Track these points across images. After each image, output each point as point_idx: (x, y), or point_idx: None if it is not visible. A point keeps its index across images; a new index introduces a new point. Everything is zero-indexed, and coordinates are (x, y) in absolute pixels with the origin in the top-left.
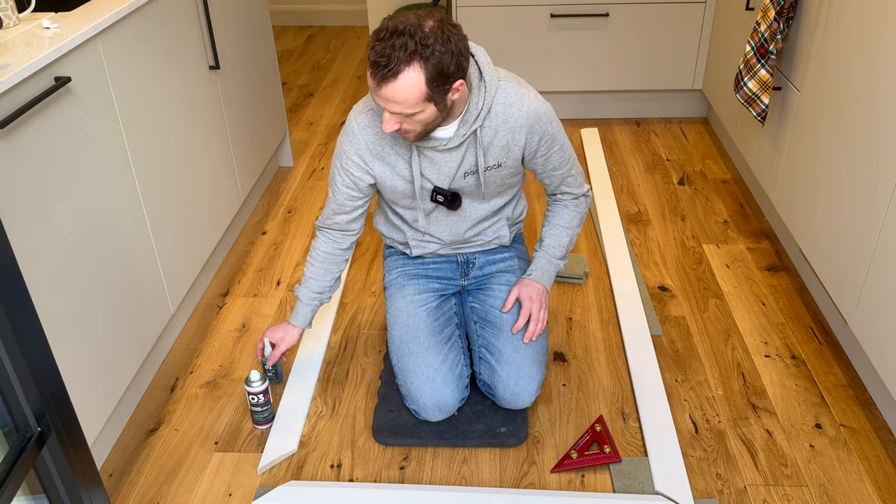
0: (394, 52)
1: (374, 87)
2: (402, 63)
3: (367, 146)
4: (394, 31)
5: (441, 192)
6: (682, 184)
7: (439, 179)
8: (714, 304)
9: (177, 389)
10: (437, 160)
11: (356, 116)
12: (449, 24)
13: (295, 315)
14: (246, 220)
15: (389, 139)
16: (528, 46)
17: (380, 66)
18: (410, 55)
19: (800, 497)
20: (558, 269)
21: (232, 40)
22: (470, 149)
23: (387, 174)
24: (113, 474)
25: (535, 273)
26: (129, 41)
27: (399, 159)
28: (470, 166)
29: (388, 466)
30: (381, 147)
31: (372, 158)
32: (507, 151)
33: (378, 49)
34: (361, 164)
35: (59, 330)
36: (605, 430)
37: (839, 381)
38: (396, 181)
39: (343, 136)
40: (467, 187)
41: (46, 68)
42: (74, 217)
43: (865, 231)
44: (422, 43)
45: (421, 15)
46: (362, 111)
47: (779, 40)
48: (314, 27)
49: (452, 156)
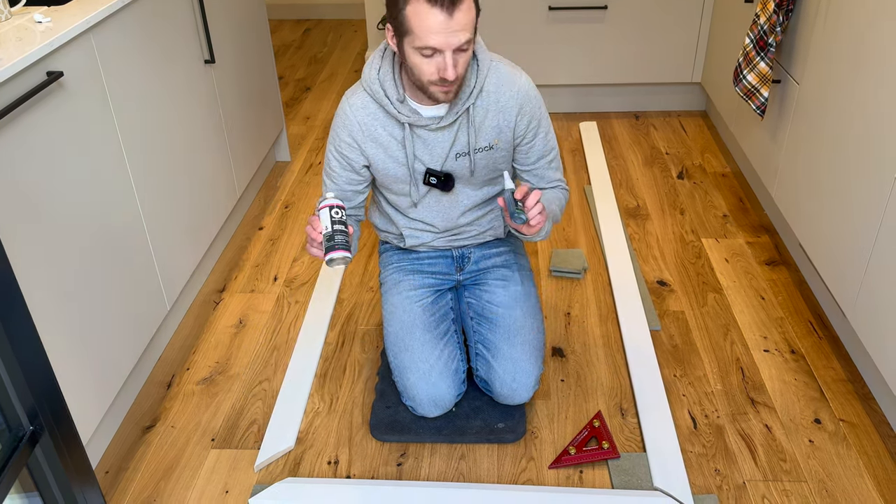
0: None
1: (444, 19)
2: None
3: (360, 126)
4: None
5: (434, 174)
6: (681, 178)
7: (432, 161)
8: (713, 298)
9: (173, 386)
10: (430, 140)
11: (348, 99)
12: None
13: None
14: (243, 215)
15: (381, 119)
16: (526, 39)
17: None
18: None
19: (799, 492)
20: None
21: (227, 34)
22: (462, 128)
23: (379, 156)
24: (109, 471)
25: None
26: (123, 35)
27: (391, 140)
28: (461, 147)
29: (385, 463)
30: (374, 128)
31: (364, 139)
32: (499, 133)
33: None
34: (354, 144)
35: (52, 327)
36: (603, 425)
37: (838, 376)
38: (389, 163)
39: (336, 120)
40: (459, 170)
41: (38, 63)
42: (68, 213)
43: (865, 225)
44: None
45: None
46: (354, 93)
47: (778, 33)
48: (311, 21)
49: (444, 135)
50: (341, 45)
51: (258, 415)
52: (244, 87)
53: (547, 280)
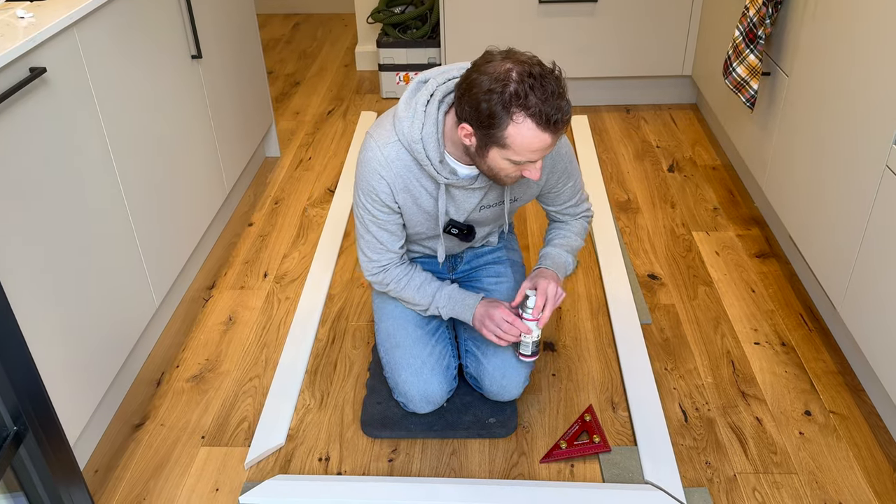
0: (562, 103)
1: (551, 141)
2: (562, 99)
3: (396, 176)
4: (542, 77)
5: (456, 225)
6: (671, 171)
7: (457, 213)
8: (703, 291)
9: (163, 384)
10: (459, 196)
11: (381, 149)
12: (513, 50)
13: (465, 307)
14: (232, 211)
15: (416, 172)
16: (517, 33)
17: (554, 119)
18: (559, 88)
19: (789, 484)
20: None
21: (215, 29)
22: (494, 186)
23: (408, 205)
24: (98, 470)
25: (546, 262)
26: (108, 30)
27: (423, 191)
28: (489, 201)
29: (376, 459)
30: (409, 179)
31: (398, 190)
32: (526, 187)
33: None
34: (389, 192)
35: (37, 326)
36: (594, 419)
37: (829, 368)
38: (417, 213)
39: (365, 168)
40: (480, 219)
41: (21, 59)
42: (52, 210)
43: (854, 217)
44: (552, 73)
45: (502, 60)
46: (387, 144)
47: (767, 25)
48: (301, 15)
49: (476, 193)
50: (331, 40)
51: (248, 412)
52: (232, 83)
53: None
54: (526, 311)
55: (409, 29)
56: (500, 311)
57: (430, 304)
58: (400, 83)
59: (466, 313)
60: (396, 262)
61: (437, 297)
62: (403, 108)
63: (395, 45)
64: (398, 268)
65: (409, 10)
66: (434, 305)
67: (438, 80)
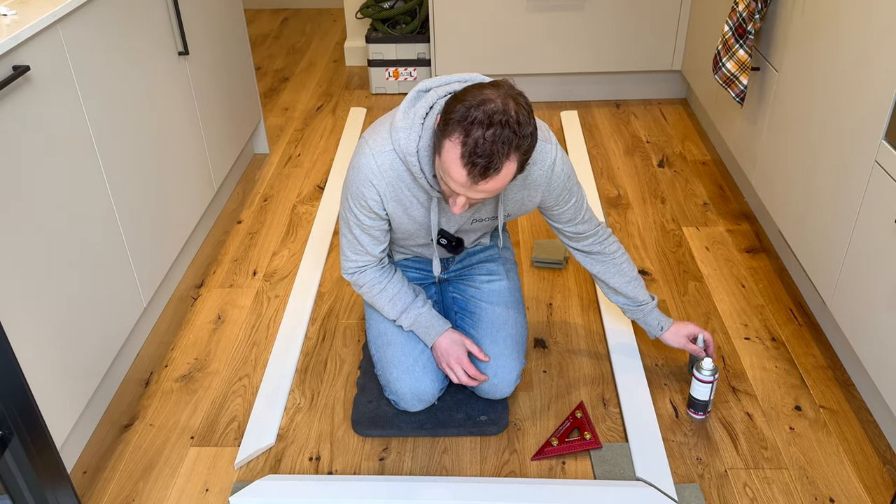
0: (495, 148)
1: (468, 183)
2: (503, 158)
3: (388, 185)
4: (488, 123)
5: (446, 236)
6: (661, 166)
7: (448, 224)
8: (694, 286)
9: (151, 384)
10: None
11: (374, 157)
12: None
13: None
14: (221, 209)
15: (408, 182)
16: (506, 29)
17: (479, 165)
18: (510, 149)
19: (780, 479)
20: (655, 299)
21: (202, 25)
22: (488, 202)
23: (398, 213)
24: (87, 471)
25: (664, 321)
26: (93, 27)
27: (414, 201)
28: (482, 215)
29: (367, 458)
30: (400, 189)
31: (388, 199)
32: (521, 205)
33: (480, 146)
34: (378, 199)
35: (23, 327)
36: (585, 416)
37: (819, 363)
38: (406, 223)
39: (356, 175)
40: (471, 230)
41: (3, 57)
42: (37, 210)
43: (843, 212)
44: (519, 134)
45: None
46: (381, 152)
47: (757, 20)
48: (289, 10)
49: (469, 208)
50: (320, 35)
51: (238, 412)
52: (220, 79)
53: (529, 271)
54: (703, 372)
55: (399, 24)
56: (464, 358)
57: (398, 319)
58: (389, 79)
59: (428, 339)
60: (374, 264)
61: (404, 316)
62: (401, 118)
63: (384, 40)
64: (376, 271)
65: (398, 6)
66: (399, 322)
67: (439, 91)
